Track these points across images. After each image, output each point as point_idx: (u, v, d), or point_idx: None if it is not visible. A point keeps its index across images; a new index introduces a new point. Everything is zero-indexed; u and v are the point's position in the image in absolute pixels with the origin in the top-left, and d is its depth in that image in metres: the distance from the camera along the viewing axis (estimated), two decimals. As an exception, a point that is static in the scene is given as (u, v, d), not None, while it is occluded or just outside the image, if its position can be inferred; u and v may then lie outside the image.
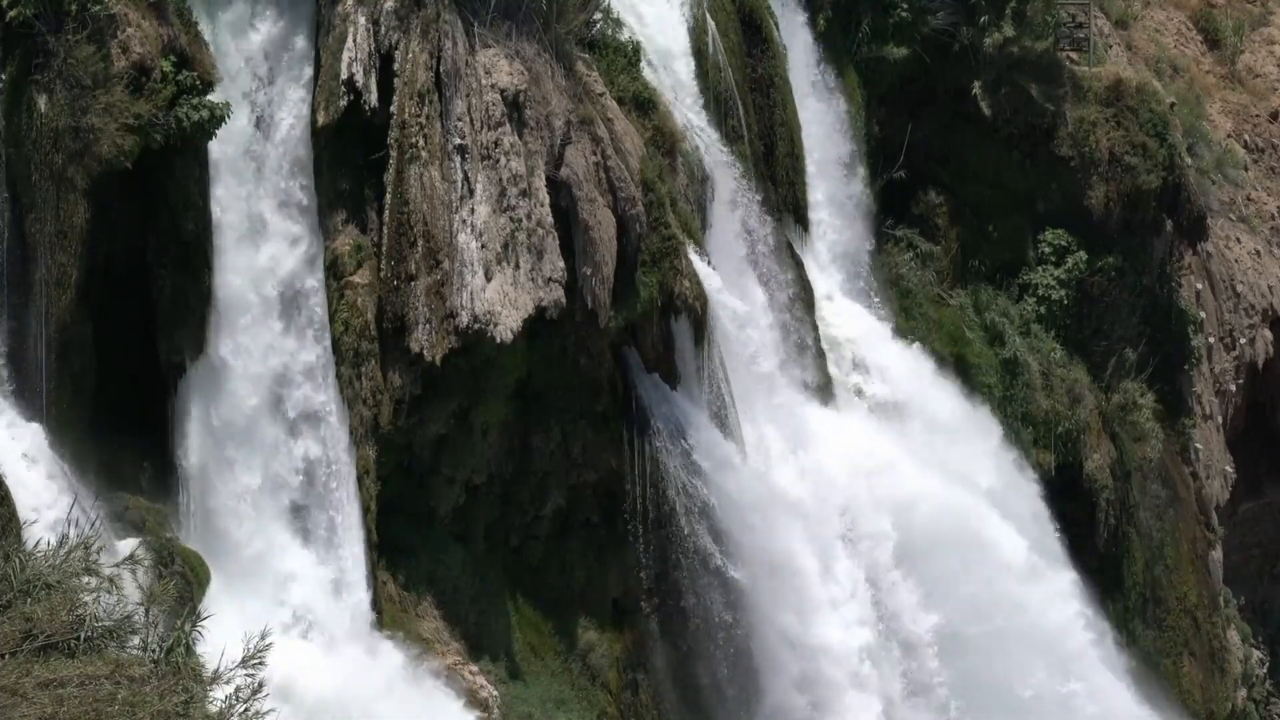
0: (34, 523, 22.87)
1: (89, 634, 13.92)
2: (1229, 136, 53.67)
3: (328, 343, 29.75)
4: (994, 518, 39.00)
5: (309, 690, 26.72)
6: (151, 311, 27.57)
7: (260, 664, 13.73)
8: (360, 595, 29.53)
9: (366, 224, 30.43)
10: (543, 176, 31.21)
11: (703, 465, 33.51)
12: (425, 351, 29.98)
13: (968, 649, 37.55)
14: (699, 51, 37.09)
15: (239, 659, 13.69)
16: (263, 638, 13.72)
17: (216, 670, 13.92)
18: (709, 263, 34.75)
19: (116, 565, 14.93)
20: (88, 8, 26.05)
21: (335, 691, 27.55)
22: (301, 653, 27.79)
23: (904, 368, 40.61)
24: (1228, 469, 49.88)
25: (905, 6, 42.14)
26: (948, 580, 37.59)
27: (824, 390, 38.38)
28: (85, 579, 14.47)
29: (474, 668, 31.09)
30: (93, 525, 15.57)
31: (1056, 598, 39.96)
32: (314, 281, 29.67)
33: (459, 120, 30.46)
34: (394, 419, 30.25)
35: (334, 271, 30.03)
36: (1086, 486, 43.79)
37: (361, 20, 29.90)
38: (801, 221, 39.98)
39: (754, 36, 39.00)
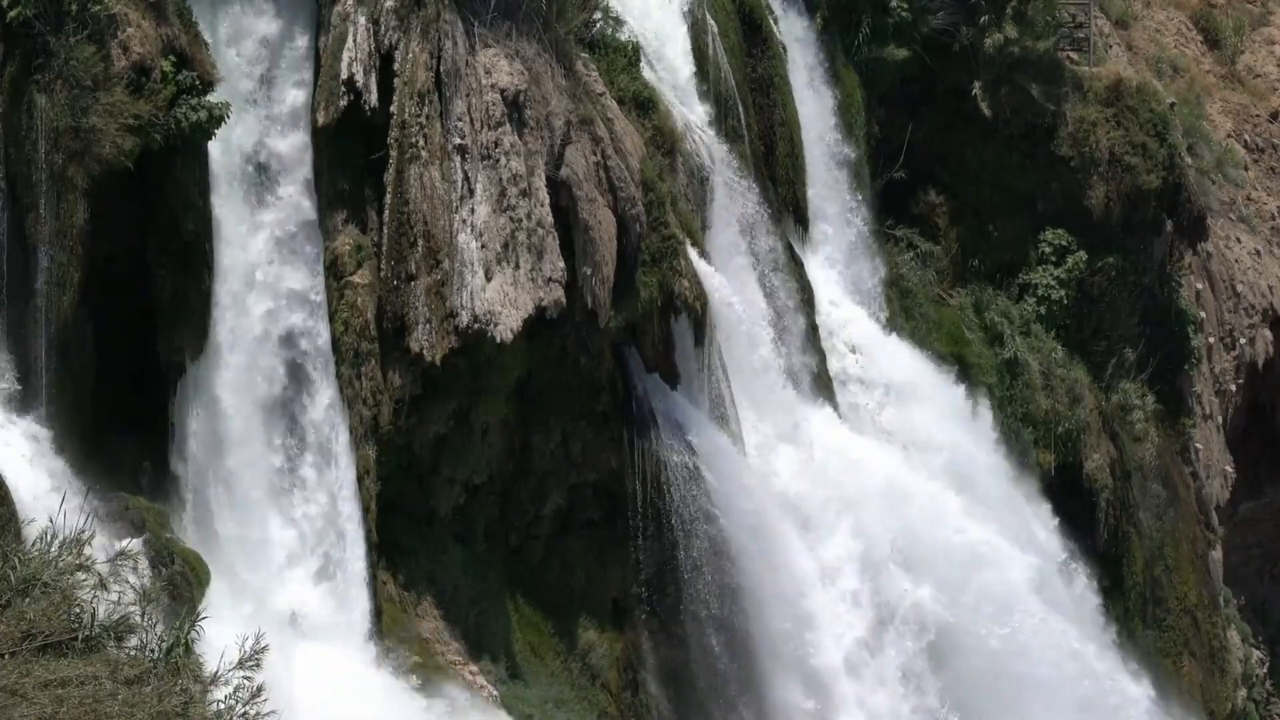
0: (33, 522, 22.87)
1: (87, 633, 13.93)
2: (1229, 136, 53.64)
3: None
4: (989, 515, 39.03)
5: (306, 691, 26.69)
6: (151, 311, 27.59)
7: (257, 665, 13.74)
8: (360, 596, 29.52)
9: (366, 224, 30.43)
10: (543, 176, 31.21)
11: (703, 465, 33.52)
12: (425, 351, 29.99)
13: (965, 646, 37.56)
14: (699, 51, 37.09)
15: (235, 660, 13.69)
16: (258, 639, 13.73)
17: (215, 671, 13.93)
18: (709, 262, 34.77)
19: (109, 561, 14.93)
20: (88, 8, 26.05)
21: (332, 693, 27.52)
22: (299, 655, 27.77)
23: (903, 367, 40.61)
24: (1228, 469, 49.85)
25: (905, 6, 42.12)
26: (947, 578, 37.60)
27: (823, 389, 38.39)
28: (80, 575, 14.47)
29: (474, 668, 31.09)
30: (86, 521, 15.54)
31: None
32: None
33: (459, 120, 30.46)
34: (394, 419, 30.25)
35: (334, 271, 30.03)
36: (1086, 486, 43.80)
37: (361, 20, 29.90)
38: (801, 221, 39.97)
39: (754, 36, 39.00)
